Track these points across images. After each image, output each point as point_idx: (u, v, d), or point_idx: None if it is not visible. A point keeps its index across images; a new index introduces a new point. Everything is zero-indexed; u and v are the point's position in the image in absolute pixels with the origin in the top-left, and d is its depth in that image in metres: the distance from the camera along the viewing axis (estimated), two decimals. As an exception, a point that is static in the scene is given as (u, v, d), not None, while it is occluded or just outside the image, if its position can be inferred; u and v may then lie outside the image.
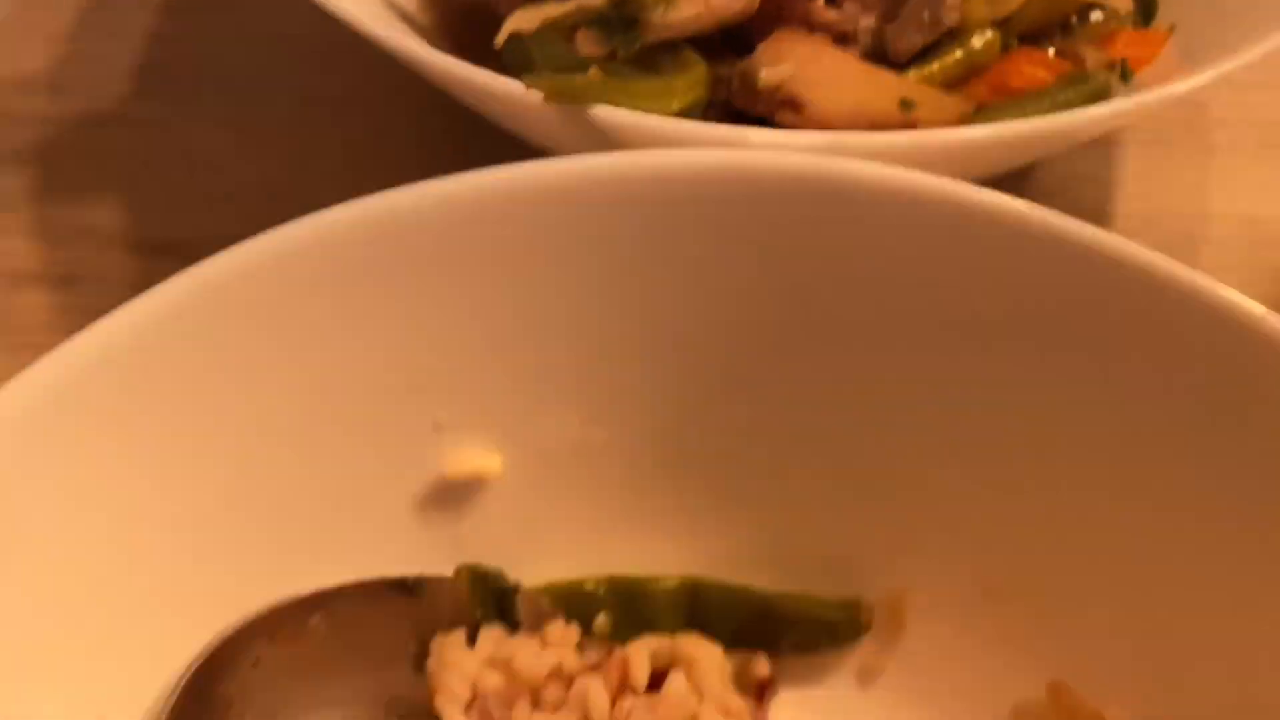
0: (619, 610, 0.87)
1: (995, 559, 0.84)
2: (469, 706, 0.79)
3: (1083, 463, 0.80)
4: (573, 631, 0.84)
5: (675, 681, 0.81)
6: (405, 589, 0.83)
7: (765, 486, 0.87)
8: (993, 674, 0.84)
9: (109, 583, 0.72)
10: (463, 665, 0.80)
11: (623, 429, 0.85)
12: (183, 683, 0.76)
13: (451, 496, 0.84)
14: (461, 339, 0.80)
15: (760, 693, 0.86)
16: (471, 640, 0.82)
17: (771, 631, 0.88)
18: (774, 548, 0.88)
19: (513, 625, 0.85)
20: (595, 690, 0.79)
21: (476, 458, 0.83)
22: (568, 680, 0.82)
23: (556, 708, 0.80)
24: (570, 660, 0.82)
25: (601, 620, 0.87)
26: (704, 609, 0.87)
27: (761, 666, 0.87)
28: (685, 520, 0.88)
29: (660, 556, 0.89)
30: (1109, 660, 0.81)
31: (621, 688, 0.81)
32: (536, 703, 0.80)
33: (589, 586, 0.88)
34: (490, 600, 0.85)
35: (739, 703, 0.82)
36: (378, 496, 0.82)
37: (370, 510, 0.82)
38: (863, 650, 0.88)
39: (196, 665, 0.76)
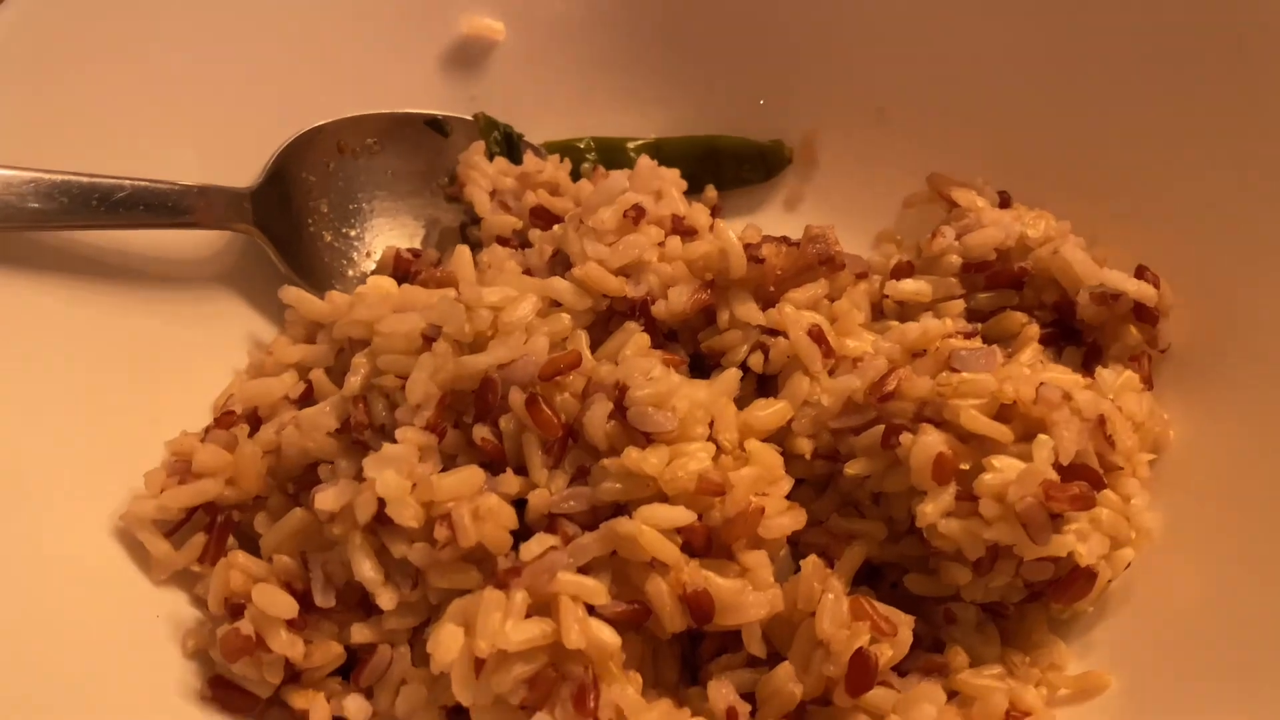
0: (601, 161, 1.13)
1: (886, 91, 1.10)
2: (490, 197, 1.04)
3: None
4: (566, 165, 1.09)
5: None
6: (437, 126, 1.08)
7: (709, 57, 1.13)
8: (886, 185, 1.10)
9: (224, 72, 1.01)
10: (484, 168, 1.05)
11: (596, 9, 1.11)
12: (271, 162, 1.01)
13: (468, 57, 1.10)
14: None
15: (713, 212, 1.11)
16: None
17: (717, 167, 1.14)
18: (716, 108, 1.14)
19: (518, 165, 1.10)
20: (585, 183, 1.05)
21: (486, 22, 1.09)
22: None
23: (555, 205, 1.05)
24: (565, 179, 1.07)
25: (587, 167, 1.13)
26: (667, 157, 1.12)
27: (711, 193, 1.13)
28: (649, 92, 1.14)
29: (632, 123, 1.15)
30: (974, 153, 1.06)
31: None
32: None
33: (578, 143, 1.14)
34: (501, 141, 1.10)
35: (698, 208, 1.07)
36: (410, 46, 1.08)
37: (404, 57, 1.08)
38: (787, 183, 1.15)
39: (280, 150, 1.01)
